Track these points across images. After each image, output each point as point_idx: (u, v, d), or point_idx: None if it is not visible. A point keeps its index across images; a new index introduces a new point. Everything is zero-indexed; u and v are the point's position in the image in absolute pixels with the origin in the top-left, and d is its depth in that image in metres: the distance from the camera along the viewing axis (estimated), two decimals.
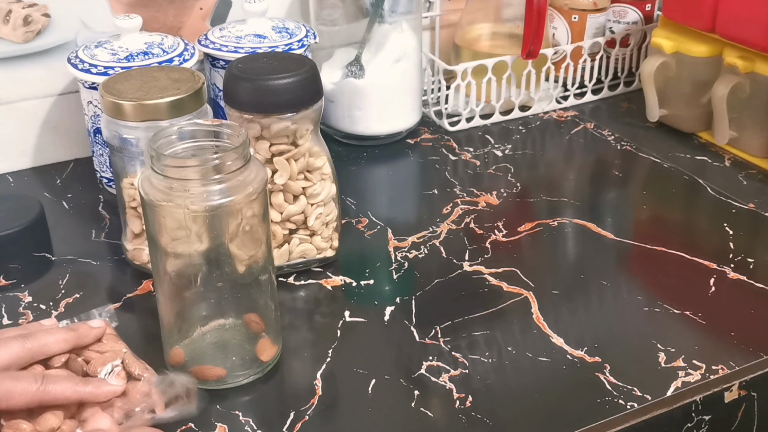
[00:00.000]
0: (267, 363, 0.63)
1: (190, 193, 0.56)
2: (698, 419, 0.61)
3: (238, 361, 0.63)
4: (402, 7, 0.93)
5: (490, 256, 0.76)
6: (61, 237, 0.80)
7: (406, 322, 0.68)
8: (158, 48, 0.83)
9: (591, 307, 0.70)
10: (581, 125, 1.01)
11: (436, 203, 0.85)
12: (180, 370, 0.62)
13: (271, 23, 0.88)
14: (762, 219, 0.82)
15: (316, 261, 0.74)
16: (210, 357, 0.63)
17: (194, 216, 0.57)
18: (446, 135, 0.99)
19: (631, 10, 1.05)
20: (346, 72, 0.94)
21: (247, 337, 0.63)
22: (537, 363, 0.64)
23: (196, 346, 0.63)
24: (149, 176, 0.57)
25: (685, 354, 0.64)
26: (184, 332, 0.63)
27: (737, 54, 0.89)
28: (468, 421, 0.58)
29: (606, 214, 0.84)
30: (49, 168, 0.94)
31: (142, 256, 0.73)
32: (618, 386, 0.61)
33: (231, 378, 0.62)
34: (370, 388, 0.62)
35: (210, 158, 0.57)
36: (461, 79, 0.97)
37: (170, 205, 0.57)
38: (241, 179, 0.58)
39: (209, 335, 0.63)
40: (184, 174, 0.56)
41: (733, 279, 0.73)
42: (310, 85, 0.68)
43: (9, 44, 0.88)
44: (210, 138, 0.60)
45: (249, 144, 0.59)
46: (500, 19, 1.03)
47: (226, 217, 0.58)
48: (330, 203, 0.73)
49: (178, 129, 0.59)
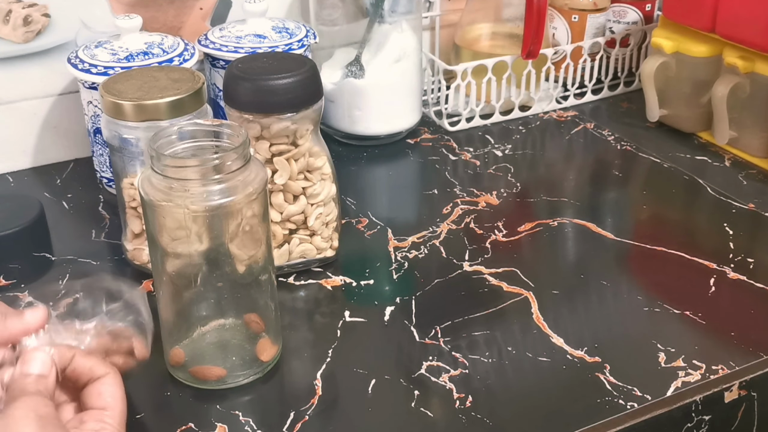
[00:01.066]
0: (267, 363, 0.63)
1: (190, 193, 0.56)
2: (698, 419, 0.61)
3: (238, 361, 0.63)
4: (402, 7, 0.93)
5: (490, 256, 0.76)
6: (61, 237, 0.80)
7: (406, 322, 0.68)
8: (158, 48, 0.83)
9: (591, 307, 0.70)
10: (581, 125, 1.01)
11: (436, 203, 0.85)
12: (180, 370, 0.62)
13: (271, 23, 0.88)
14: (762, 219, 0.82)
15: (316, 261, 0.74)
16: (210, 357, 0.63)
17: (194, 216, 0.57)
18: (446, 135, 0.99)
19: (631, 10, 1.05)
20: (346, 72, 0.94)
21: (247, 337, 0.63)
22: (537, 363, 0.64)
23: (196, 346, 0.63)
24: (149, 176, 0.58)
25: (685, 354, 0.64)
26: (184, 332, 0.63)
27: (737, 54, 0.89)
28: (468, 421, 0.58)
29: (606, 214, 0.84)
30: (49, 168, 0.94)
31: (142, 256, 0.73)
32: (618, 386, 0.61)
33: (231, 378, 0.62)
34: (370, 388, 0.62)
35: (210, 158, 0.57)
36: (461, 79, 0.97)
37: (170, 205, 0.57)
38: (241, 179, 0.58)
39: (209, 335, 0.64)
40: (184, 174, 0.56)
41: (733, 279, 0.73)
42: (310, 85, 0.68)
43: (9, 44, 0.88)
44: (210, 138, 0.60)
45: (249, 144, 0.59)
46: (500, 19, 1.03)
47: (226, 217, 0.58)
48: (330, 203, 0.73)
49: (178, 129, 0.59)
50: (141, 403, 0.60)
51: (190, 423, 0.59)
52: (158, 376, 0.62)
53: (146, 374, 0.63)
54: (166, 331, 0.62)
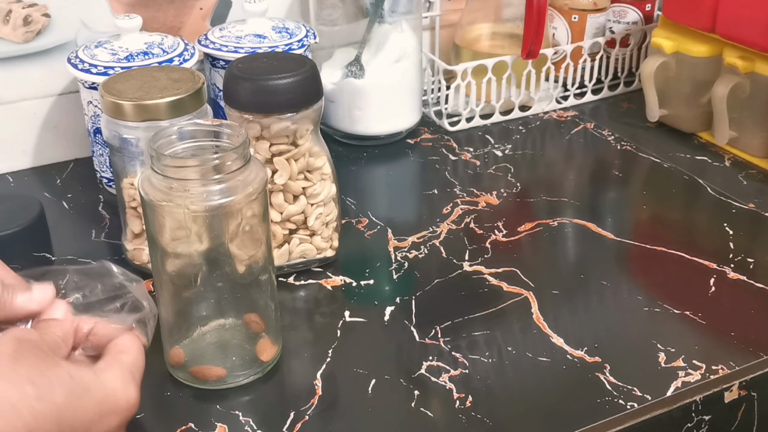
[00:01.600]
0: (267, 363, 0.63)
1: (190, 193, 0.56)
2: (698, 419, 0.61)
3: (238, 361, 0.63)
4: (402, 7, 0.93)
5: (490, 256, 0.76)
6: (61, 237, 0.80)
7: (406, 322, 0.68)
8: (158, 48, 0.83)
9: (591, 307, 0.70)
10: (581, 125, 1.01)
11: (436, 203, 0.85)
12: (180, 370, 0.62)
13: (271, 23, 0.88)
14: (762, 219, 0.82)
15: (316, 261, 0.74)
16: (210, 357, 0.63)
17: (194, 216, 0.57)
18: (446, 135, 0.99)
19: (631, 10, 1.05)
20: (346, 72, 0.94)
21: (247, 337, 0.63)
22: (537, 363, 0.64)
23: (196, 346, 0.63)
24: (149, 176, 0.57)
25: (685, 354, 0.64)
26: (184, 332, 0.63)
27: (737, 54, 0.89)
28: (468, 421, 0.58)
29: (606, 214, 0.84)
30: (49, 168, 0.94)
31: (142, 256, 0.73)
32: (618, 386, 0.61)
33: (231, 378, 0.62)
34: (370, 388, 0.62)
35: (210, 158, 0.57)
36: (461, 79, 0.97)
37: (170, 205, 0.57)
38: (241, 179, 0.57)
39: (209, 335, 0.63)
40: (184, 174, 0.56)
41: (733, 279, 0.73)
42: (310, 85, 0.68)
43: (9, 44, 0.88)
44: (210, 138, 0.60)
45: (249, 144, 0.59)
46: (500, 19, 1.03)
47: (226, 217, 0.58)
48: (330, 203, 0.73)
49: (178, 129, 0.59)
50: (141, 403, 0.60)
51: (190, 423, 0.59)
52: (158, 376, 0.62)
53: (146, 374, 0.63)
54: (166, 330, 0.62)
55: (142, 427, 0.59)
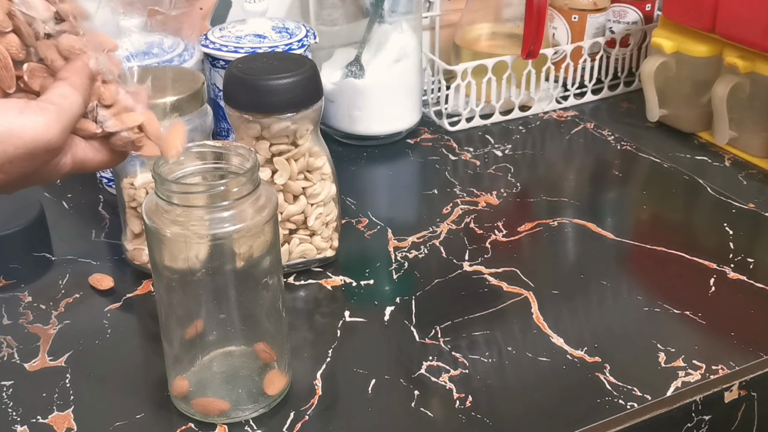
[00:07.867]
0: (274, 397, 0.60)
1: (197, 219, 0.54)
2: (698, 419, 0.61)
3: (244, 394, 0.60)
4: (402, 7, 0.93)
5: (490, 256, 0.76)
6: (61, 237, 0.80)
7: (406, 322, 0.68)
8: (158, 48, 0.83)
9: (591, 307, 0.70)
10: (581, 125, 1.01)
11: (436, 203, 0.85)
12: (183, 401, 0.59)
13: (271, 23, 0.88)
14: (762, 219, 0.82)
15: (316, 261, 0.74)
16: (216, 387, 0.60)
17: (200, 243, 0.54)
18: (446, 135, 0.99)
19: (631, 10, 1.05)
20: (346, 72, 0.94)
21: (255, 367, 0.61)
22: (537, 363, 0.64)
23: (202, 375, 0.60)
24: (155, 202, 0.55)
25: (685, 354, 0.64)
26: (189, 361, 0.60)
27: (737, 54, 0.89)
28: (468, 421, 0.58)
29: (606, 214, 0.84)
30: None
31: (142, 256, 0.73)
32: (618, 386, 0.61)
33: (234, 413, 0.59)
34: (370, 388, 0.62)
35: (217, 183, 0.54)
36: (461, 79, 0.97)
37: (176, 234, 0.54)
38: (250, 204, 0.55)
39: (216, 364, 0.61)
40: (190, 200, 0.53)
41: (733, 279, 0.73)
42: (310, 85, 0.68)
43: None
44: (218, 161, 0.57)
45: (258, 168, 0.55)
46: (500, 19, 1.03)
47: (234, 243, 0.55)
48: (330, 203, 0.73)
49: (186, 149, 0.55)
50: (141, 403, 0.60)
51: (190, 423, 0.59)
52: (158, 376, 0.62)
53: (146, 374, 0.63)
54: (170, 359, 0.59)
55: (142, 427, 0.59)
